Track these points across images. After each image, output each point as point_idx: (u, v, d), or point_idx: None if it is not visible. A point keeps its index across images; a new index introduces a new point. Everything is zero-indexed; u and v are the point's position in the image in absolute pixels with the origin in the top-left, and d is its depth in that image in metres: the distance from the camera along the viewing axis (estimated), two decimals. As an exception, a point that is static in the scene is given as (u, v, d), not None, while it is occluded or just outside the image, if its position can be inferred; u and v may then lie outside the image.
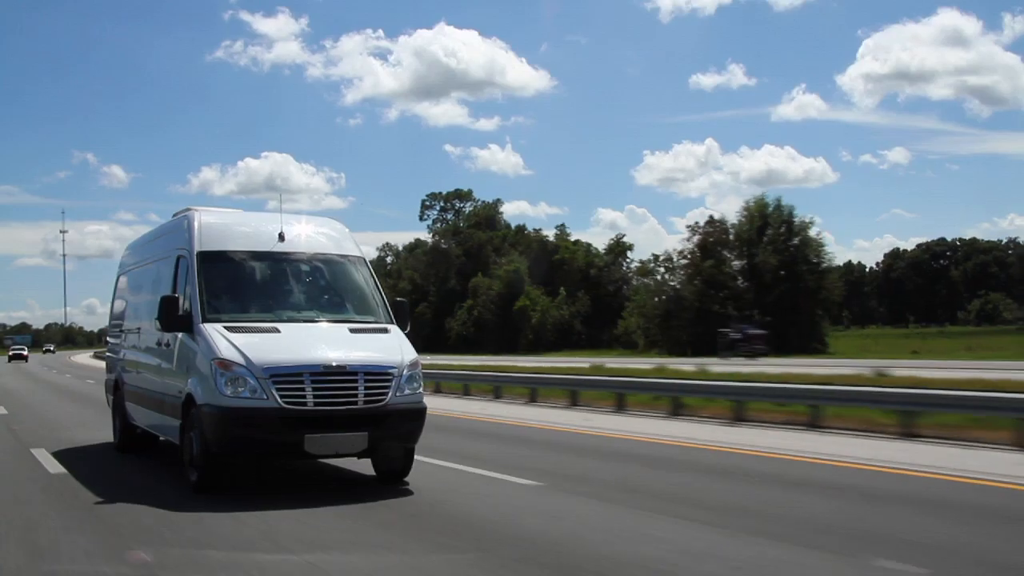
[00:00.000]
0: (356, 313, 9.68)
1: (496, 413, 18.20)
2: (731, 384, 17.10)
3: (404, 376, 8.76)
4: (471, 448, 12.29)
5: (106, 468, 10.83)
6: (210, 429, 8.29)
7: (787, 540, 6.64)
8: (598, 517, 7.65)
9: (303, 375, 8.29)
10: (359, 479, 9.62)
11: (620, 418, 17.10)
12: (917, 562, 6.00)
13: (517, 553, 6.33)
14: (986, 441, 12.11)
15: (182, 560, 6.26)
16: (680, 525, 7.26)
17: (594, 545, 6.54)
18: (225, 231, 9.79)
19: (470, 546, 6.58)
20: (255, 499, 8.20)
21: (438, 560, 6.24)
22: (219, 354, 8.38)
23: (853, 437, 13.18)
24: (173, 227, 10.69)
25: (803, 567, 6.00)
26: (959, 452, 11.51)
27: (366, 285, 9.99)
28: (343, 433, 8.36)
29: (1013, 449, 11.56)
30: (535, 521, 7.45)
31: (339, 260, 10.02)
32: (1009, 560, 6.26)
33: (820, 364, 33.43)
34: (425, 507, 8.08)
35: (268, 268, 9.67)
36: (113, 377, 12.80)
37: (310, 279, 9.87)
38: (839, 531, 7.01)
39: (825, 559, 6.18)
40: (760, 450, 11.84)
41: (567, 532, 7.00)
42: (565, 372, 26.27)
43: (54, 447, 12.37)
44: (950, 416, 13.14)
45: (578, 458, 11.46)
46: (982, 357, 39.10)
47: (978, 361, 34.90)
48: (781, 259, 57.55)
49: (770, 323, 52.56)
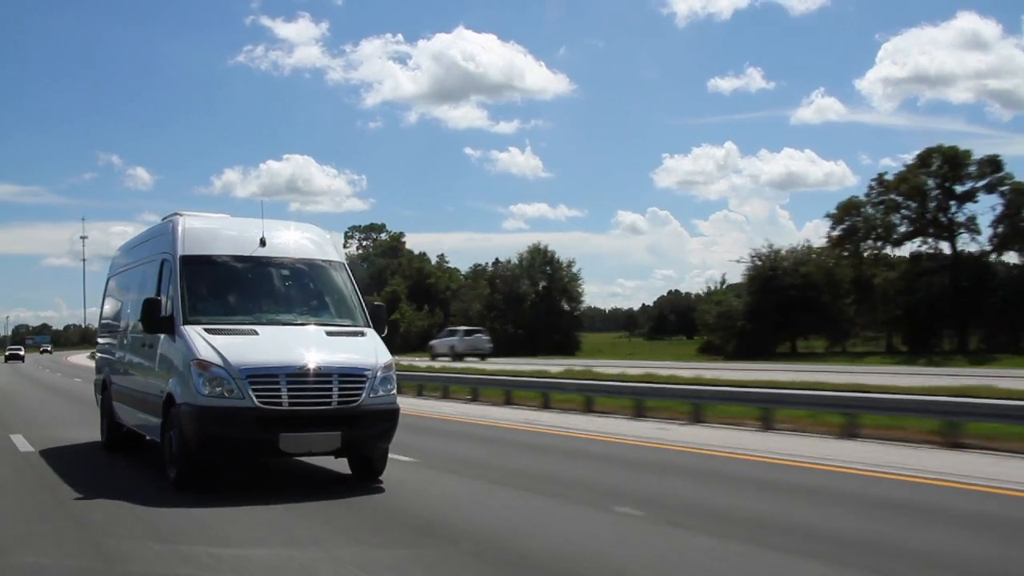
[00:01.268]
0: (334, 316, 9.96)
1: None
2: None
3: (378, 378, 9.04)
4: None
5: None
6: (188, 427, 8.56)
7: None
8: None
9: (279, 376, 8.57)
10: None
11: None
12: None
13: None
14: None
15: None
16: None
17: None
18: (208, 236, 10.08)
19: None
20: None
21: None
22: (198, 355, 8.66)
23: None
24: (159, 231, 10.98)
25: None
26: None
27: (345, 289, 10.26)
28: (317, 432, 8.63)
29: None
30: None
31: (319, 264, 10.30)
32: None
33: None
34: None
35: (249, 272, 9.96)
36: (101, 377, 13.07)
37: (290, 283, 10.17)
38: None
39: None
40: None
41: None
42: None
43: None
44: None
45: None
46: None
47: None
48: (537, 289, 75.87)
49: (521, 332, 70.58)
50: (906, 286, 55.72)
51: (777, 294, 56.67)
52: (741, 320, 59.08)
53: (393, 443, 9.50)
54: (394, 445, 9.60)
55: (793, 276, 57.88)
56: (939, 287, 54.75)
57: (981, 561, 6.35)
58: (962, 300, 52.71)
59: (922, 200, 57.18)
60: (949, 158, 56.49)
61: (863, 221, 60.08)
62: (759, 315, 57.16)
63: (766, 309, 56.80)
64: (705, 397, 16.41)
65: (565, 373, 24.83)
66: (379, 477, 9.48)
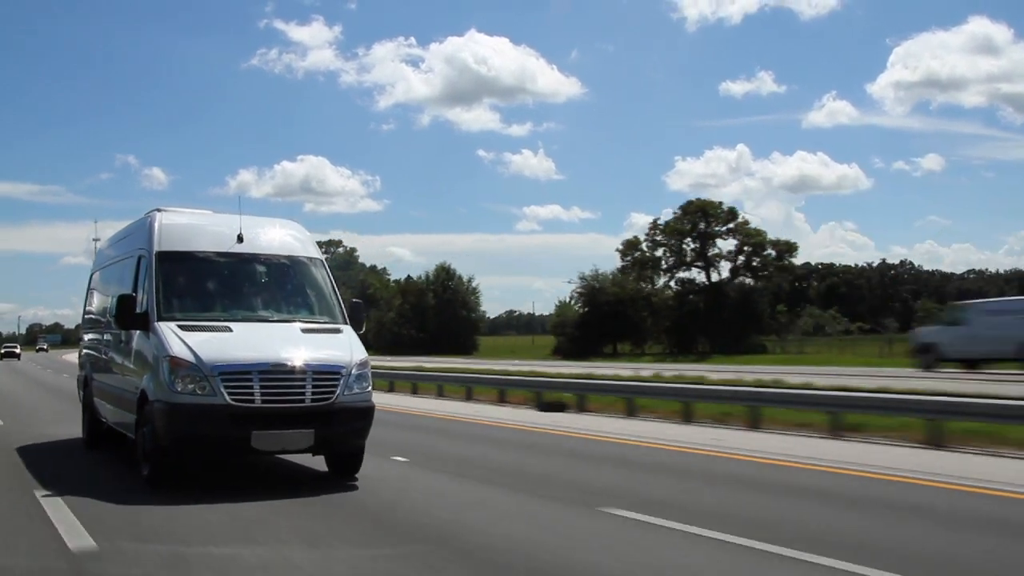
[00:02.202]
0: (310, 313, 9.92)
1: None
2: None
3: (353, 375, 9.00)
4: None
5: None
6: (161, 424, 8.53)
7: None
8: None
9: (251, 373, 8.53)
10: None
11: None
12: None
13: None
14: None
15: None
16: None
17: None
18: (185, 232, 10.02)
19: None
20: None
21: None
22: (170, 352, 8.62)
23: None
24: (137, 227, 10.92)
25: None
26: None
27: (322, 286, 10.20)
28: (290, 430, 8.60)
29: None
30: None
31: (296, 261, 10.24)
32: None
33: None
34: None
35: (225, 268, 9.91)
36: (83, 374, 13.04)
37: (266, 280, 10.11)
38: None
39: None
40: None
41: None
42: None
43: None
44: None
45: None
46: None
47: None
48: (439, 299, 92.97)
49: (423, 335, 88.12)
50: (677, 304, 75.57)
51: (599, 308, 74.64)
52: (570, 328, 77.98)
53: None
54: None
55: (607, 295, 75.30)
56: (694, 305, 74.83)
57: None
58: (711, 315, 71.66)
59: (680, 241, 76.72)
60: (702, 208, 76.01)
61: (640, 256, 78.63)
62: (586, 324, 75.34)
63: (591, 320, 74.92)
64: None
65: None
66: (355, 474, 9.45)
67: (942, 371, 26.75)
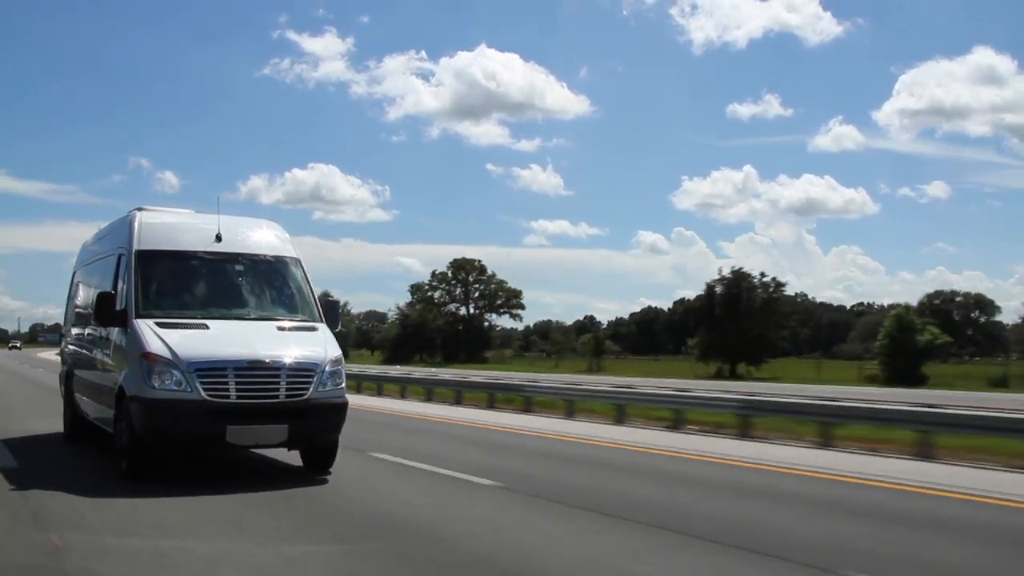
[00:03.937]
0: (287, 311, 10.13)
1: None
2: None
3: (326, 372, 9.21)
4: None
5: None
6: (138, 419, 8.73)
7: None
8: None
9: (227, 369, 8.74)
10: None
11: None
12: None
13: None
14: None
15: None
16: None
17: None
18: (164, 231, 10.20)
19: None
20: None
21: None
22: (147, 348, 8.82)
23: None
24: (118, 226, 11.09)
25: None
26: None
27: (299, 285, 10.39)
28: (264, 425, 8.82)
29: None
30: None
31: (273, 260, 10.43)
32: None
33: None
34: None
35: (203, 267, 10.10)
36: (65, 369, 13.20)
37: (243, 278, 10.29)
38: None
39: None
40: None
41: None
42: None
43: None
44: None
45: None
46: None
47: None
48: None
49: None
50: (448, 330, 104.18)
51: (406, 329, 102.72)
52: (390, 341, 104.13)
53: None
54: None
55: (411, 320, 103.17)
56: (455, 333, 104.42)
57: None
58: (464, 340, 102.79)
59: (449, 286, 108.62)
60: (462, 265, 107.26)
61: (424, 295, 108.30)
62: (401, 342, 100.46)
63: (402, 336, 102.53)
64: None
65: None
66: (328, 468, 9.67)
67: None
